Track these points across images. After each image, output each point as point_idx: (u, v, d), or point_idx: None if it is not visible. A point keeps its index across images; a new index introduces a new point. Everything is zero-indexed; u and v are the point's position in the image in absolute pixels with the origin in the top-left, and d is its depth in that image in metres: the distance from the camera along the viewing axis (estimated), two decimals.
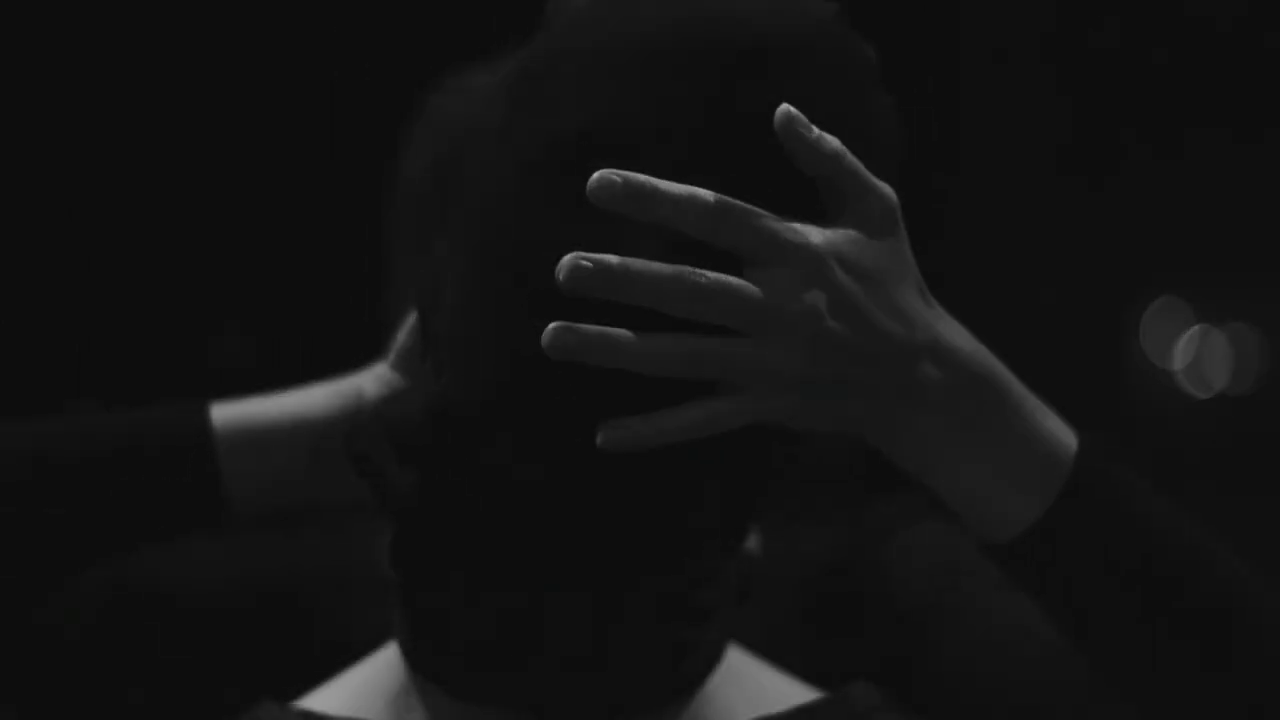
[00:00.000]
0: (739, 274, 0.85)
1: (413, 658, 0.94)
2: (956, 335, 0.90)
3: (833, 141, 0.87)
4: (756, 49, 0.88)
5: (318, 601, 1.20)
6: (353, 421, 1.03)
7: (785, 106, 0.86)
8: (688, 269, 0.84)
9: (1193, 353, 3.28)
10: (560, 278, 0.83)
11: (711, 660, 0.94)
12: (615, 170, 0.83)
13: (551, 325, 0.83)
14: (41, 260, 2.89)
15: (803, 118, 0.86)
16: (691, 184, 0.85)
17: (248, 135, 2.94)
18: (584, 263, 0.83)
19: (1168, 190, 3.21)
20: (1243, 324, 3.26)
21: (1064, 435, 0.93)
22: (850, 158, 0.87)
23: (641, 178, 0.83)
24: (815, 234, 0.86)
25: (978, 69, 3.20)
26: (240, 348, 2.96)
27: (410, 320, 1.08)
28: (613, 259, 0.83)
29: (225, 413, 1.07)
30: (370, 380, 1.09)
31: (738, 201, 0.85)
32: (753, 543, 1.05)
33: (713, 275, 0.84)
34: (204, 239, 2.95)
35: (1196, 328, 3.27)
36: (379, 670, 0.96)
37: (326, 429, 1.08)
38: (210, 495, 1.06)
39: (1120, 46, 3.19)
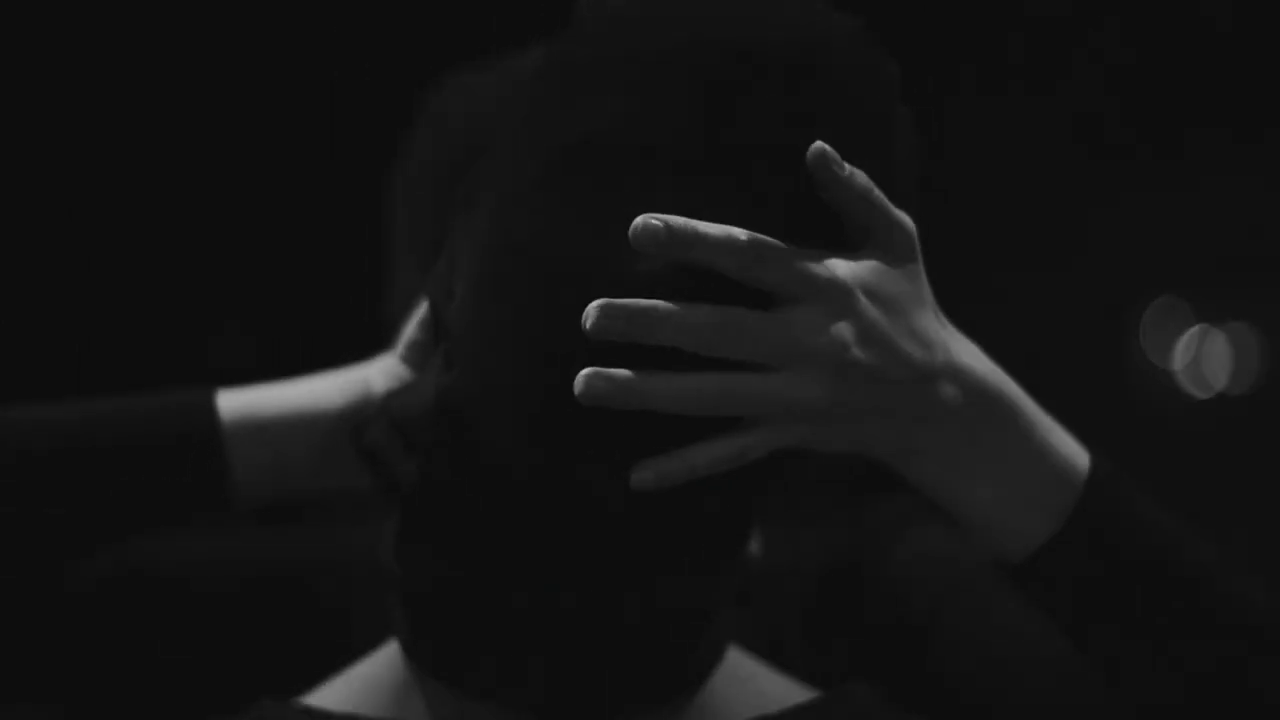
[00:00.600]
0: (756, 297, 0.86)
1: (413, 654, 0.94)
2: (971, 356, 0.92)
3: (862, 178, 0.88)
4: (782, 60, 0.88)
5: (322, 596, 1.20)
6: (360, 413, 1.04)
7: (819, 144, 0.87)
8: (715, 308, 0.85)
9: (1193, 353, 3.27)
10: (587, 325, 0.84)
11: (711, 660, 0.95)
12: (656, 215, 0.84)
13: (582, 373, 0.84)
14: (41, 260, 2.89)
15: (835, 154, 0.87)
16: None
17: (248, 135, 2.94)
18: (608, 306, 0.84)
19: (1168, 190, 3.21)
20: (1243, 324, 3.26)
21: (1076, 454, 0.94)
22: (877, 192, 0.88)
23: (681, 221, 0.84)
24: (842, 267, 0.87)
25: (977, 69, 3.20)
26: (240, 347, 2.97)
27: (420, 312, 1.09)
28: (638, 303, 0.84)
29: (232, 401, 1.08)
30: (378, 372, 1.10)
31: (771, 240, 0.86)
32: (753, 544, 1.05)
33: (739, 313, 0.85)
34: (204, 239, 2.95)
35: (1196, 328, 3.27)
36: (380, 666, 0.96)
37: (334, 420, 1.08)
38: (216, 483, 1.06)
39: (1120, 46, 3.19)
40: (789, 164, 0.87)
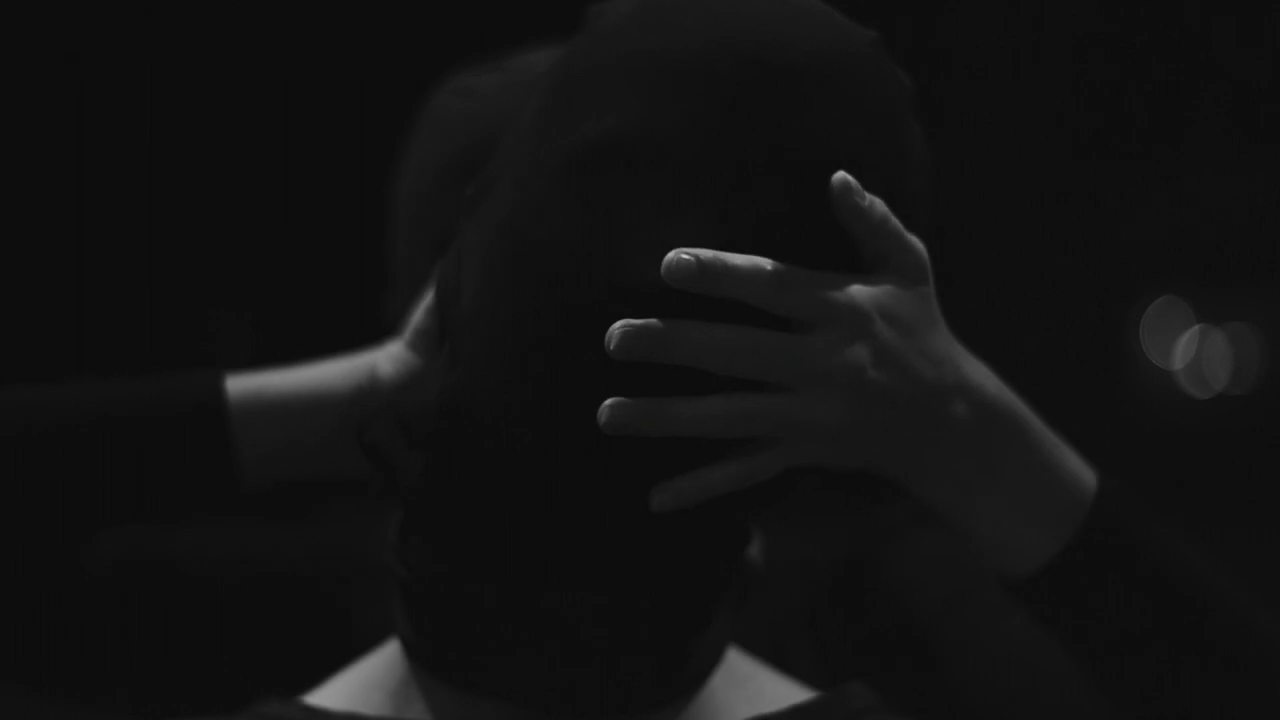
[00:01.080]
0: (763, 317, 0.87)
1: (414, 652, 0.94)
2: (981, 375, 0.93)
3: (881, 208, 0.89)
4: (794, 71, 0.89)
5: (325, 593, 1.20)
6: (366, 405, 1.04)
7: (841, 174, 0.87)
8: (736, 329, 0.86)
9: (1193, 353, 3.28)
10: (610, 346, 0.85)
11: (711, 661, 0.95)
12: (687, 249, 0.85)
13: (607, 402, 0.85)
14: (40, 261, 2.89)
15: (857, 185, 0.87)
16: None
17: (249, 136, 2.94)
18: (625, 329, 0.84)
19: (1168, 191, 3.21)
20: (1243, 324, 3.26)
21: (1083, 473, 0.95)
22: (893, 221, 0.89)
23: (711, 255, 0.85)
24: (859, 292, 0.88)
25: (980, 70, 3.20)
26: (241, 347, 2.97)
27: (427, 299, 1.09)
28: (659, 324, 0.85)
29: (240, 384, 1.08)
30: (385, 358, 1.10)
31: (794, 269, 0.87)
32: (754, 547, 1.05)
33: (760, 334, 0.86)
34: (205, 240, 2.95)
35: (1196, 328, 3.28)
36: (382, 664, 0.96)
37: (340, 404, 1.08)
38: (223, 465, 1.06)
39: (1122, 49, 3.19)
40: (800, 175, 0.88)
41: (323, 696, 0.96)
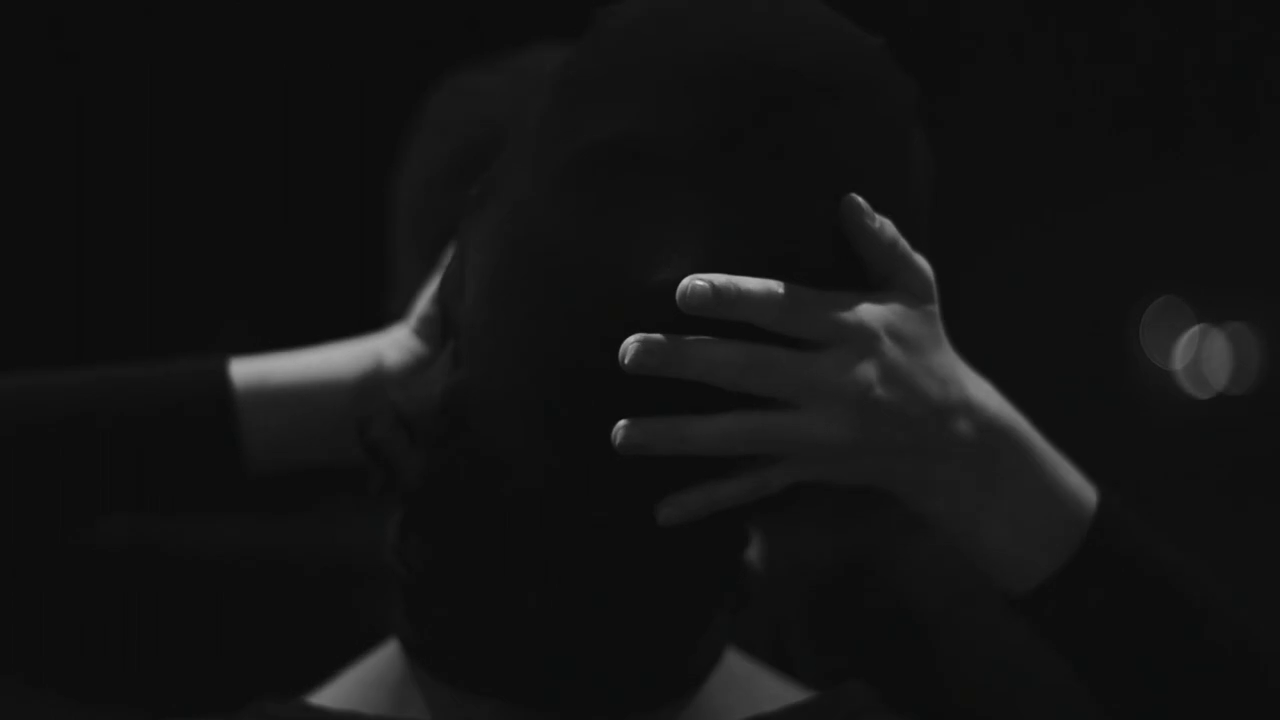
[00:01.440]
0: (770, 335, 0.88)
1: (413, 650, 0.94)
2: (985, 393, 0.95)
3: (891, 229, 0.89)
4: (801, 77, 0.89)
5: (329, 592, 1.20)
6: (372, 392, 1.04)
7: (852, 195, 0.88)
8: (745, 345, 0.86)
9: (1193, 353, 3.27)
10: (624, 360, 0.85)
11: (709, 662, 0.95)
12: (701, 275, 0.85)
13: (621, 423, 0.86)
14: (39, 262, 2.89)
15: (867, 206, 0.88)
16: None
17: (248, 136, 2.93)
18: (639, 344, 0.85)
19: (1168, 190, 3.21)
20: (1243, 324, 3.26)
21: (1083, 491, 0.96)
22: (902, 243, 0.90)
23: (724, 281, 0.86)
24: (867, 310, 0.90)
25: (976, 68, 3.20)
26: (240, 348, 2.97)
27: (433, 285, 1.09)
28: (670, 339, 0.85)
29: (244, 371, 1.08)
30: (390, 345, 1.10)
31: (805, 290, 0.88)
32: (754, 550, 1.05)
33: (769, 351, 0.87)
34: (204, 241, 2.95)
35: (1196, 328, 3.27)
36: (382, 663, 0.96)
37: (346, 390, 1.08)
38: (228, 450, 1.06)
39: (1120, 45, 3.19)
40: (806, 183, 0.88)
41: (323, 696, 0.96)
